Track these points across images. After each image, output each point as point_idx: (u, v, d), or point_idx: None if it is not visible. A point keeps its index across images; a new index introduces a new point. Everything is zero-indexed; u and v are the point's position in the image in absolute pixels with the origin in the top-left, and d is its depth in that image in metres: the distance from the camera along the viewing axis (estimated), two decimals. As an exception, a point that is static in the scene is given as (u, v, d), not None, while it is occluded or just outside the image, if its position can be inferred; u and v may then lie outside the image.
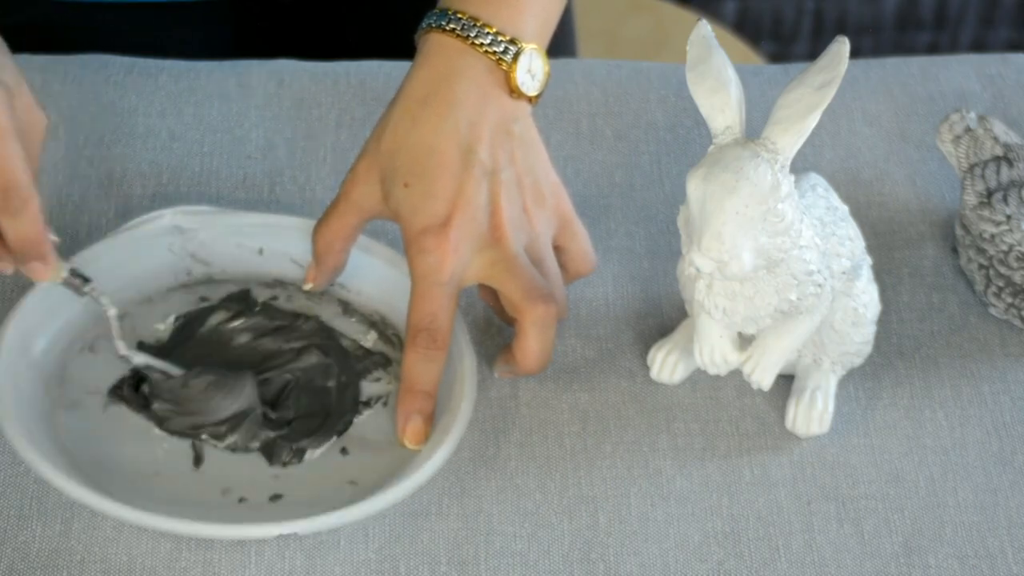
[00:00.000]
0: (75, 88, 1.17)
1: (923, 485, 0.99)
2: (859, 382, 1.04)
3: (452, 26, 0.98)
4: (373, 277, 1.03)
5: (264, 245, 1.05)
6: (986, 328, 1.07)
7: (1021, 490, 0.99)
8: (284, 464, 0.96)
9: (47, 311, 0.99)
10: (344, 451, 0.97)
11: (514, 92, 0.99)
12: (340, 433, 0.97)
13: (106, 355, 1.00)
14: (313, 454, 0.96)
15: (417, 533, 0.95)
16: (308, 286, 1.02)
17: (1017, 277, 1.05)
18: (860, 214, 1.13)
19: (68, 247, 1.08)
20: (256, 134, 1.17)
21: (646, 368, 1.03)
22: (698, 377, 1.03)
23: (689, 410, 1.02)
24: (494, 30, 0.98)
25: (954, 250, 1.11)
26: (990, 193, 1.07)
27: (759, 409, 1.02)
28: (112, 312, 0.97)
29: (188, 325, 1.02)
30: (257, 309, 1.03)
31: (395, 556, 0.94)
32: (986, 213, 1.06)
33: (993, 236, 1.06)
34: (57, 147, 1.15)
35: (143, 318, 1.02)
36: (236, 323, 1.02)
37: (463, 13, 0.98)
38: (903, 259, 1.11)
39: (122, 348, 0.97)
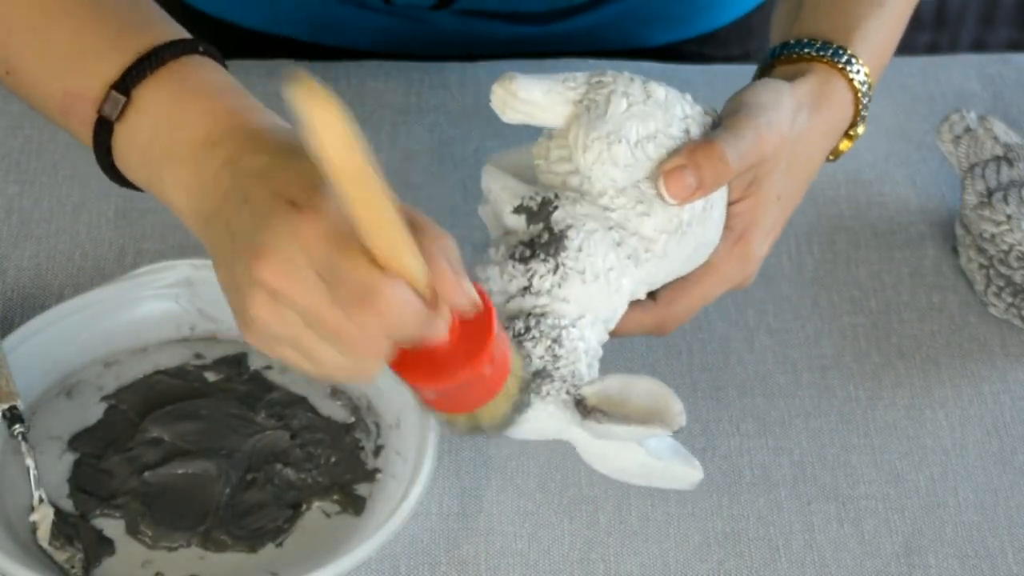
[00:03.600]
0: (75, 88, 1.17)
1: (923, 485, 0.99)
2: (859, 382, 1.04)
3: (859, 84, 0.96)
4: None
5: None
6: (986, 328, 1.07)
7: (1021, 490, 0.99)
8: (214, 550, 0.93)
9: (36, 350, 0.99)
10: (279, 544, 0.94)
11: (832, 155, 0.98)
12: (280, 532, 0.94)
13: (80, 401, 0.99)
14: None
15: (417, 533, 0.95)
16: None
17: (1017, 277, 1.05)
18: (860, 214, 1.14)
19: (67, 247, 1.09)
20: (256, 134, 1.16)
21: (646, 368, 1.03)
22: (698, 377, 1.03)
23: (689, 410, 1.02)
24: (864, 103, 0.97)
25: (954, 250, 1.11)
26: (990, 193, 1.07)
27: (759, 409, 1.02)
28: (30, 462, 0.94)
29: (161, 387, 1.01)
30: (246, 377, 1.01)
31: (395, 556, 0.94)
32: (986, 213, 1.06)
33: (993, 236, 1.06)
34: (56, 147, 1.15)
35: (130, 368, 1.01)
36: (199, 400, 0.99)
37: (868, 74, 0.96)
38: (903, 259, 1.11)
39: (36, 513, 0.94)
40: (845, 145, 0.98)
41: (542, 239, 0.86)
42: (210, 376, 1.01)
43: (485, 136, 1.15)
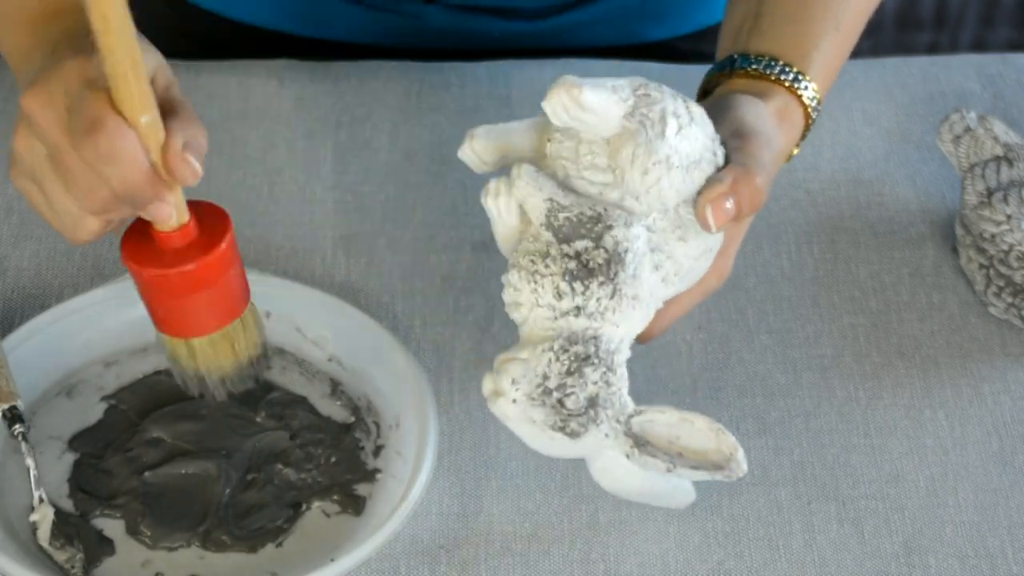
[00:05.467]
0: (75, 88, 1.17)
1: (923, 485, 0.99)
2: (859, 382, 1.04)
3: (811, 111, 0.97)
4: (371, 358, 1.00)
5: (273, 309, 1.02)
6: (986, 328, 1.07)
7: (1021, 490, 0.99)
8: (214, 550, 0.93)
9: (36, 350, 0.99)
10: (279, 545, 0.94)
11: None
12: (280, 532, 0.94)
13: (80, 401, 0.99)
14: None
15: (417, 533, 0.95)
16: None
17: (1017, 277, 1.05)
18: (860, 214, 1.14)
19: (67, 247, 1.09)
20: (256, 133, 1.17)
21: (646, 368, 1.03)
22: (698, 376, 1.03)
23: (689, 410, 1.02)
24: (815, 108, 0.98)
25: (954, 250, 1.11)
26: (990, 193, 1.07)
27: (759, 409, 1.02)
28: (30, 462, 0.94)
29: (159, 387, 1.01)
30: None
31: (395, 556, 0.94)
32: (986, 213, 1.06)
33: (993, 236, 1.06)
34: (57, 147, 1.15)
35: (130, 368, 1.01)
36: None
37: (816, 90, 0.97)
38: (903, 259, 1.11)
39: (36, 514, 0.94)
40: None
41: (596, 259, 0.85)
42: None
43: (485, 136, 1.15)
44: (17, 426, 0.95)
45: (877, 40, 2.32)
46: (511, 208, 0.88)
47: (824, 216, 1.13)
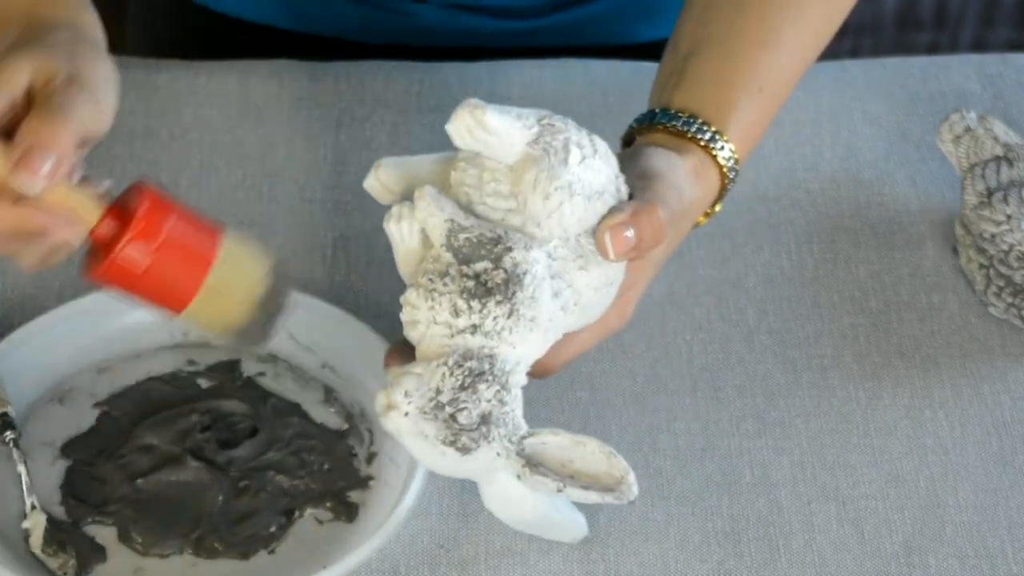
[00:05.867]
0: (75, 88, 1.17)
1: (923, 485, 0.99)
2: (859, 382, 1.04)
3: (727, 172, 0.98)
4: (365, 364, 0.99)
5: None
6: (986, 328, 1.07)
7: (1021, 490, 0.99)
8: (206, 557, 0.93)
9: (28, 357, 0.99)
10: (272, 552, 0.94)
11: (698, 221, 0.99)
12: (273, 539, 0.94)
13: (72, 407, 0.99)
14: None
15: (417, 533, 0.95)
16: None
17: (1017, 277, 1.05)
18: (860, 214, 1.14)
19: (68, 247, 1.09)
20: (256, 134, 1.17)
21: (646, 368, 1.03)
22: (698, 376, 1.03)
23: (689, 410, 1.02)
24: (737, 162, 0.98)
25: (954, 250, 1.11)
26: (990, 193, 1.07)
27: (759, 409, 1.02)
28: (22, 469, 0.95)
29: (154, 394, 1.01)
30: (239, 383, 1.01)
31: (395, 556, 0.94)
32: (986, 213, 1.06)
33: (993, 236, 1.06)
34: (57, 147, 1.15)
35: (123, 374, 1.01)
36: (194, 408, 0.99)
37: (734, 150, 0.97)
38: (903, 259, 1.11)
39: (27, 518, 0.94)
40: (702, 220, 0.99)
41: (495, 279, 0.86)
42: (203, 382, 1.01)
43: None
44: (8, 432, 0.95)
45: (877, 40, 2.32)
46: (413, 232, 0.88)
47: (824, 216, 1.13)
